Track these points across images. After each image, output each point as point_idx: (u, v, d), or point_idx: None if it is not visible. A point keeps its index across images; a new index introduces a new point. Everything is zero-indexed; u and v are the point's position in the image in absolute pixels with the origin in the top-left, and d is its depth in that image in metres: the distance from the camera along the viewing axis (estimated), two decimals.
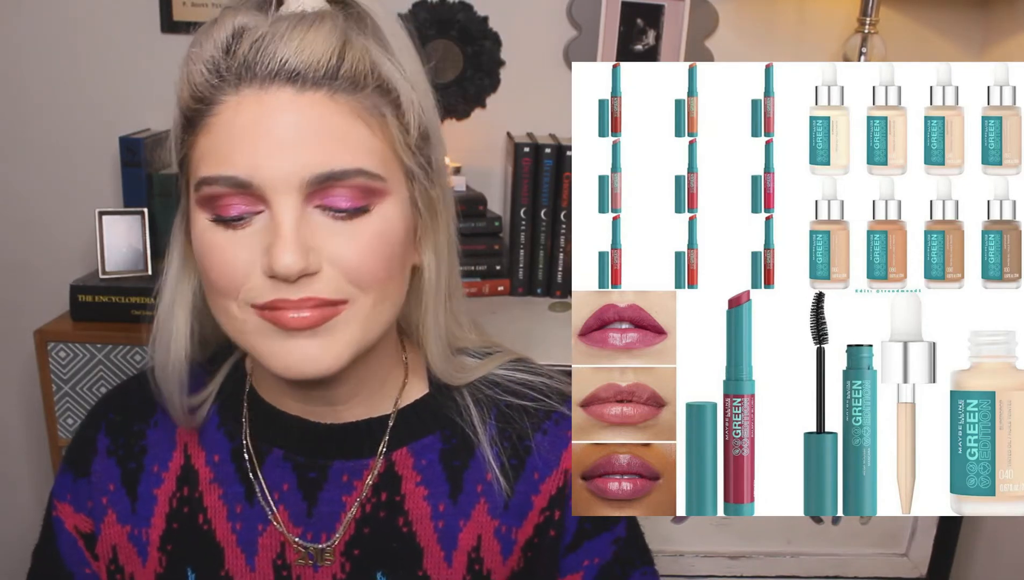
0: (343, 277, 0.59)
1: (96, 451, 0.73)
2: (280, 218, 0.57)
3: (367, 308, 0.60)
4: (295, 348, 0.59)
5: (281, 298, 0.58)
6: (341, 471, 0.69)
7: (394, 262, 0.61)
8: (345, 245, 0.59)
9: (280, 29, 0.58)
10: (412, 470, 0.70)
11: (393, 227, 0.61)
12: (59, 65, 1.60)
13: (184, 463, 0.71)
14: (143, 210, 1.44)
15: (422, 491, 0.69)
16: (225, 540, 0.70)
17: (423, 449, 0.70)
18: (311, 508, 0.69)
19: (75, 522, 0.73)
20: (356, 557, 0.69)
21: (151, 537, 0.71)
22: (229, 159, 0.57)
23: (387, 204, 0.61)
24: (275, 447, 0.70)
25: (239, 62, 0.57)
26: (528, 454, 0.71)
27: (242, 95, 0.57)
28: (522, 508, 0.71)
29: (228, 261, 0.59)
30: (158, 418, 0.73)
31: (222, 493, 0.70)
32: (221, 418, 0.72)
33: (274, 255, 0.56)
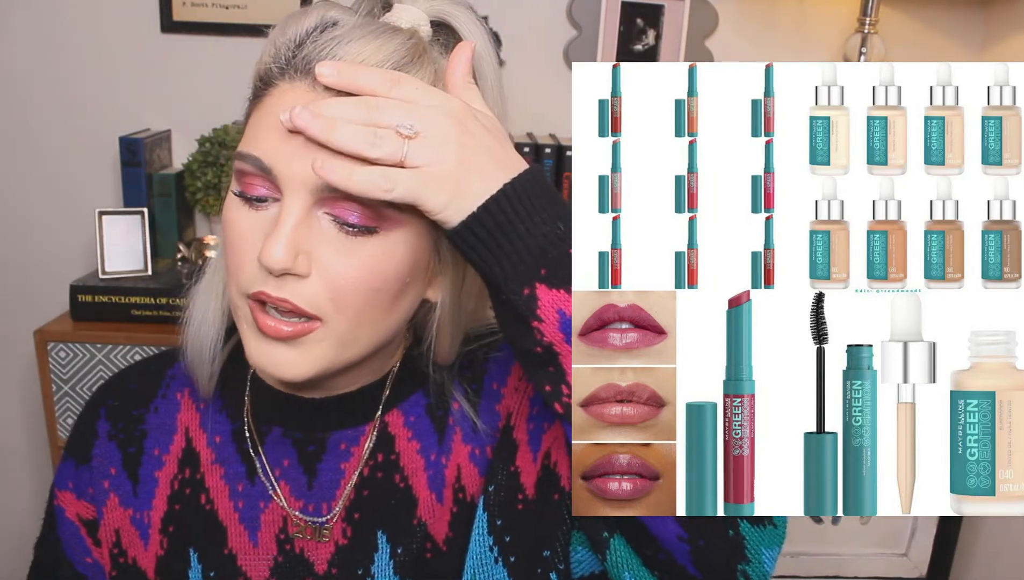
0: (324, 291, 0.59)
1: (97, 436, 0.74)
2: (285, 213, 0.58)
3: (341, 331, 0.61)
4: (271, 352, 0.61)
5: (263, 291, 0.59)
6: (339, 440, 0.71)
7: (382, 294, 0.61)
8: (336, 258, 0.59)
9: (354, 34, 0.59)
10: (403, 427, 0.72)
11: (394, 258, 0.60)
12: (59, 65, 1.60)
13: (185, 446, 0.73)
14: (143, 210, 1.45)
15: (415, 446, 0.72)
16: (228, 519, 0.71)
17: (411, 406, 0.72)
18: (311, 480, 0.71)
19: (77, 510, 0.74)
20: (356, 521, 0.70)
21: (152, 519, 0.72)
22: (260, 141, 0.59)
23: (397, 234, 0.60)
24: (274, 426, 0.72)
25: (303, 54, 0.59)
26: (485, 373, 0.73)
27: (294, 85, 0.59)
28: (491, 422, 0.72)
29: (239, 239, 0.61)
30: (157, 403, 0.75)
31: (224, 473, 0.72)
32: (224, 401, 0.74)
33: (266, 245, 0.57)
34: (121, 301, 1.36)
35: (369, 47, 0.58)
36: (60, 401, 1.35)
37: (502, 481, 0.69)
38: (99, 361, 1.33)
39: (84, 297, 1.36)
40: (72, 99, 1.62)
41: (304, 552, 0.70)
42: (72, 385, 1.34)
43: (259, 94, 0.61)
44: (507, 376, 0.73)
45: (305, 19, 0.61)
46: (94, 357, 1.33)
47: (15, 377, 1.74)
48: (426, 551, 0.70)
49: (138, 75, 1.61)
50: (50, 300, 1.59)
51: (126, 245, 1.42)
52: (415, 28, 0.62)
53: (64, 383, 1.34)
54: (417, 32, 0.62)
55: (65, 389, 1.34)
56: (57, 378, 1.34)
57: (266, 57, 0.61)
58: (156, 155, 1.55)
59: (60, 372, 1.34)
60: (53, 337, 1.32)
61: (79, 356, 1.33)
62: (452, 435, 0.72)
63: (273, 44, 0.61)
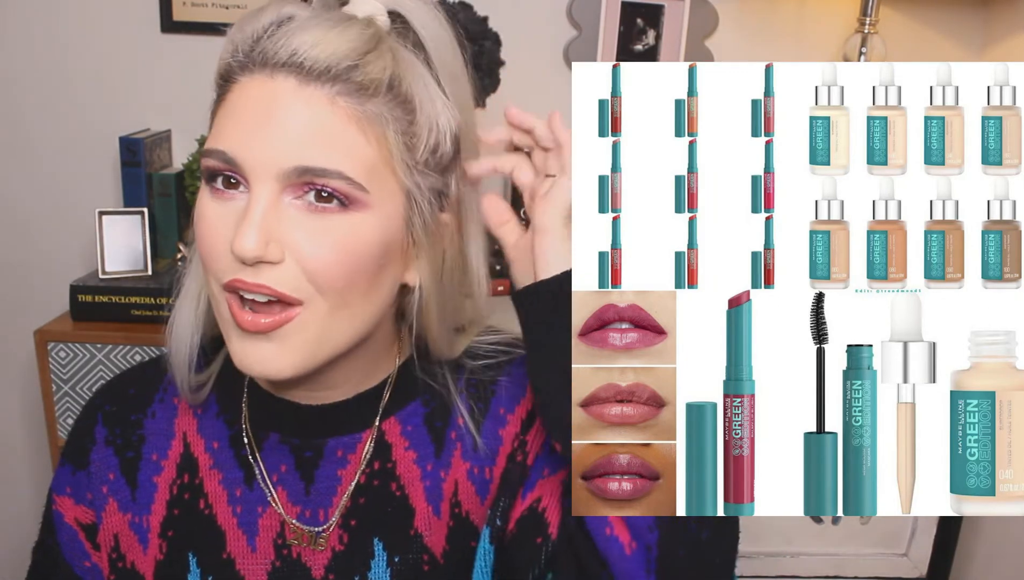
0: (303, 274, 0.60)
1: (94, 441, 0.74)
2: (253, 201, 0.59)
3: (322, 314, 0.61)
4: (253, 349, 0.61)
5: (239, 278, 0.59)
6: (336, 447, 0.71)
7: (360, 273, 0.61)
8: (307, 239, 0.59)
9: (311, 23, 0.60)
10: (400, 436, 0.72)
11: (366, 239, 0.61)
12: (59, 65, 1.60)
13: (183, 451, 0.73)
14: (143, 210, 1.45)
15: (411, 455, 0.71)
16: (226, 524, 0.71)
17: (408, 416, 0.72)
18: (308, 487, 0.71)
19: (75, 514, 0.74)
20: (353, 527, 0.70)
21: (151, 524, 0.72)
22: (224, 135, 0.60)
23: (365, 215, 0.61)
24: (272, 432, 0.72)
25: (260, 47, 0.60)
26: (493, 396, 0.73)
27: (253, 77, 0.60)
28: (492, 445, 0.72)
29: (211, 232, 0.61)
30: (155, 409, 0.74)
31: (222, 478, 0.72)
32: (220, 407, 0.74)
33: (237, 235, 0.58)
34: (121, 301, 1.36)
35: (327, 36, 0.59)
36: (60, 401, 1.35)
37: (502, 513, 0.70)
38: (99, 361, 1.33)
39: (84, 297, 1.36)
40: (72, 99, 1.62)
41: (301, 557, 0.70)
42: (72, 385, 1.34)
43: (222, 93, 0.63)
44: (515, 404, 0.73)
45: (262, 16, 0.62)
46: (94, 357, 1.33)
47: (15, 377, 1.74)
48: (423, 563, 0.70)
49: (138, 75, 1.61)
50: (50, 300, 1.59)
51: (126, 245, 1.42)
52: (372, 17, 0.63)
53: (64, 383, 1.34)
54: (374, 21, 0.63)
55: (65, 389, 1.34)
56: (57, 378, 1.34)
57: (225, 55, 0.63)
58: (156, 155, 1.55)
59: (60, 372, 1.34)
60: (53, 337, 1.32)
61: (79, 356, 1.33)
62: (452, 449, 0.72)
63: (231, 42, 0.62)
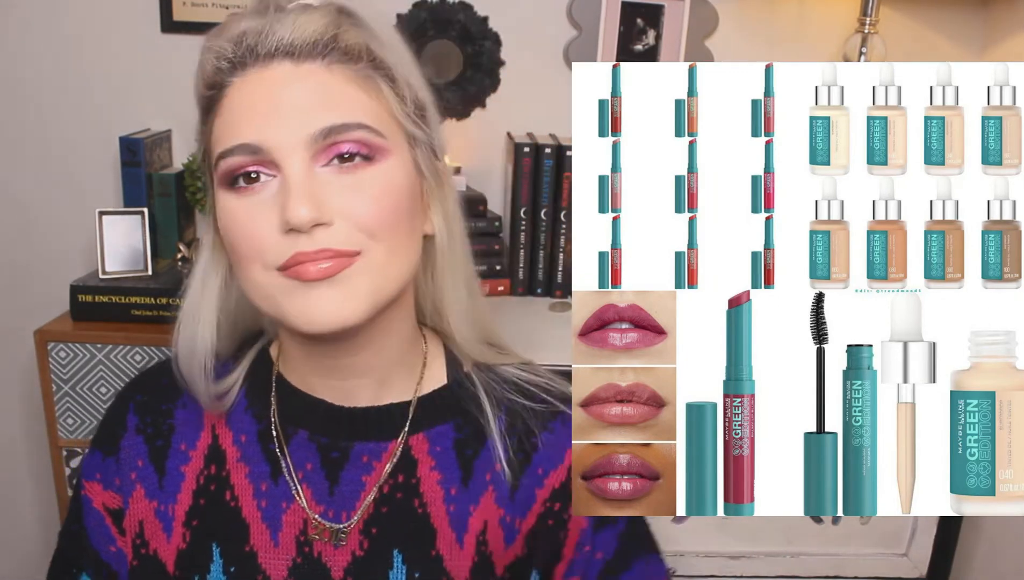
0: (355, 228, 0.62)
1: (125, 429, 0.76)
2: (290, 175, 0.61)
3: (381, 258, 0.63)
4: (316, 300, 0.62)
5: (300, 252, 0.61)
6: (362, 452, 0.72)
7: (402, 215, 0.65)
8: (353, 197, 0.62)
9: (282, 17, 0.64)
10: (427, 455, 0.72)
11: (398, 184, 0.65)
12: (59, 65, 1.60)
13: (212, 443, 0.74)
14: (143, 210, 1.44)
15: (436, 475, 0.72)
16: (251, 516, 0.72)
17: (438, 436, 0.73)
18: (332, 487, 0.72)
19: (104, 499, 0.76)
20: (374, 535, 0.71)
21: (176, 513, 0.73)
22: (239, 130, 0.62)
23: (390, 162, 0.64)
24: (300, 428, 0.73)
25: (243, 49, 0.63)
26: (535, 451, 0.73)
27: (247, 75, 0.63)
28: (526, 500, 0.73)
29: (249, 224, 0.63)
30: (186, 400, 0.75)
31: (248, 471, 0.73)
32: (249, 401, 0.75)
33: (288, 208, 0.60)
34: (121, 301, 1.36)
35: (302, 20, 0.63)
36: (60, 401, 1.35)
37: None
38: (99, 361, 1.33)
39: (84, 297, 1.36)
40: (72, 99, 1.62)
41: (322, 557, 0.71)
42: (72, 385, 1.34)
43: (214, 102, 0.65)
44: (552, 469, 0.73)
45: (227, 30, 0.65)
46: (94, 357, 1.33)
47: (15, 377, 1.74)
48: None
49: (138, 75, 1.61)
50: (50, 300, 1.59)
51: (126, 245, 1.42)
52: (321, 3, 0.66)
53: (64, 383, 1.34)
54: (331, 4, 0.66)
55: (65, 389, 1.34)
56: (57, 378, 1.34)
57: (208, 68, 0.65)
58: (156, 155, 1.55)
59: (60, 372, 1.33)
60: (53, 337, 1.32)
61: (79, 356, 1.33)
62: (483, 489, 0.72)
63: (211, 52, 0.65)
